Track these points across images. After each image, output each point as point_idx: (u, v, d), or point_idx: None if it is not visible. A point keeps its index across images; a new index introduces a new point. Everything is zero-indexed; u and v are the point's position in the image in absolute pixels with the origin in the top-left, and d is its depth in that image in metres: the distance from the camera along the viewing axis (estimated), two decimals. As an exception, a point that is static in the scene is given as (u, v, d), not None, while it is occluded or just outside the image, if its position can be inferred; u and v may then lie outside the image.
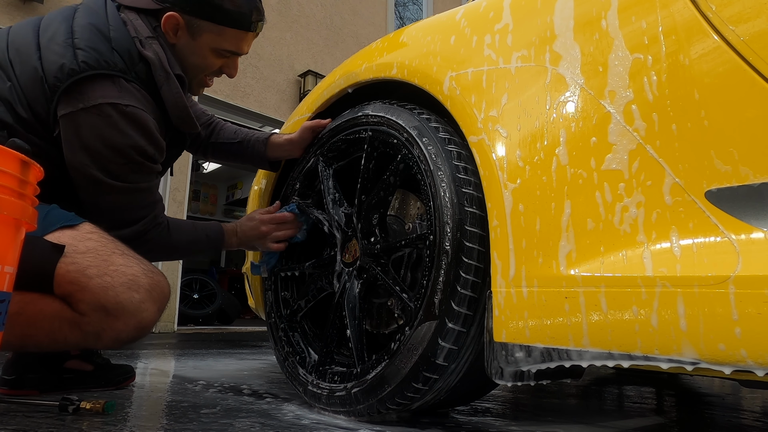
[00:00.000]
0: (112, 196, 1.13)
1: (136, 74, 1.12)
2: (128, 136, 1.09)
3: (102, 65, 1.06)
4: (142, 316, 1.03)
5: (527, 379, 0.82)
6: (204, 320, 5.39)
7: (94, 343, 1.03)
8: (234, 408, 1.15)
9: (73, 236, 1.02)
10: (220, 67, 1.27)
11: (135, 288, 1.02)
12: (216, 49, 1.22)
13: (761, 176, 0.63)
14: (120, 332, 1.02)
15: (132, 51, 1.12)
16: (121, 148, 1.09)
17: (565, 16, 0.85)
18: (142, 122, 1.11)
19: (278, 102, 5.65)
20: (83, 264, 0.99)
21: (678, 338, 0.63)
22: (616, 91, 0.76)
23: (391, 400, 0.97)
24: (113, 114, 1.07)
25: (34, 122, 1.08)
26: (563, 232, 0.77)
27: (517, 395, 1.53)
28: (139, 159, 1.12)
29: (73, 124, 1.06)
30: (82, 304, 0.98)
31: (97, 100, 1.05)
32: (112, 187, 1.12)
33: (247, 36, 1.23)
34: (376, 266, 1.10)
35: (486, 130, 0.90)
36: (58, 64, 1.04)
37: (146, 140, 1.12)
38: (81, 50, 1.06)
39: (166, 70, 1.15)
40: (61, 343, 1.02)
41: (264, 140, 1.45)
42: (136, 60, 1.12)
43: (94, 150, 1.07)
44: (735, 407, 1.52)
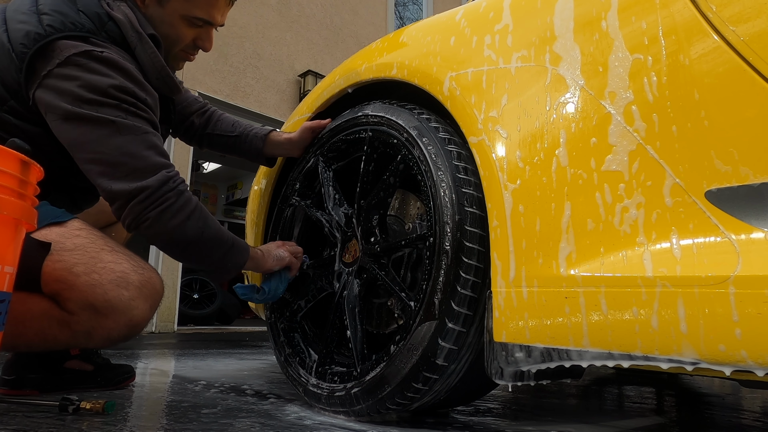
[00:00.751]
0: (119, 139, 0.99)
1: (107, 34, 1.06)
2: (111, 76, 1.00)
3: (68, 27, 1.02)
4: (133, 314, 1.00)
5: (527, 379, 0.82)
6: (204, 320, 5.39)
7: (85, 342, 1.01)
8: (234, 408, 1.15)
9: (61, 233, 0.99)
10: (193, 39, 1.19)
11: (124, 285, 0.99)
12: (186, 17, 1.15)
13: (761, 176, 0.63)
14: (111, 331, 0.99)
15: (100, 12, 1.07)
16: (107, 89, 0.99)
17: (565, 17, 0.85)
18: (123, 66, 1.03)
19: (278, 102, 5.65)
20: (70, 261, 0.96)
21: (678, 338, 0.63)
22: (616, 92, 0.76)
23: (391, 400, 0.97)
24: (89, 61, 1.00)
25: (8, 97, 1.03)
26: (563, 233, 0.77)
27: (517, 395, 1.53)
28: (130, 99, 1.02)
29: (52, 85, 1.00)
30: (70, 302, 0.96)
31: (69, 51, 0.99)
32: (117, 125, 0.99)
33: (218, 2, 1.16)
34: (376, 266, 1.10)
35: (486, 130, 0.90)
36: (24, 31, 1.00)
37: (133, 83, 1.03)
38: (46, 14, 1.02)
39: (137, 30, 1.09)
40: (52, 343, 0.99)
41: (263, 136, 1.43)
42: (104, 20, 1.06)
43: (82, 97, 0.99)
44: (735, 407, 1.52)
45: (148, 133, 1.03)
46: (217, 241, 1.09)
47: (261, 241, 1.52)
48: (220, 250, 1.10)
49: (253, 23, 5.42)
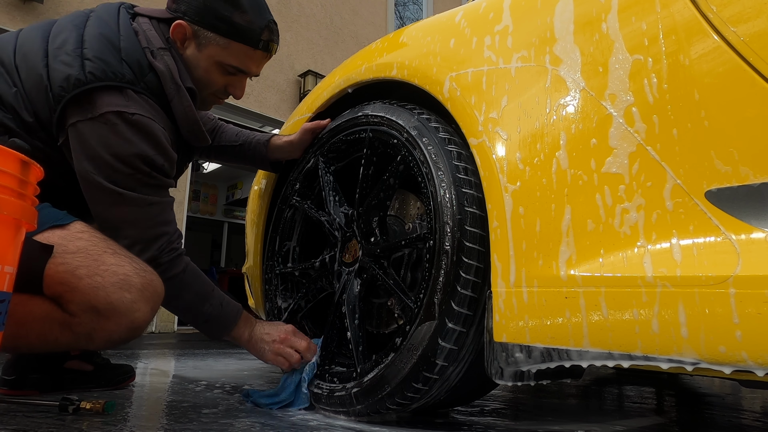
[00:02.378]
0: (121, 209, 1.07)
1: (145, 85, 1.09)
2: (134, 144, 1.05)
3: (109, 76, 1.04)
4: (135, 316, 1.00)
5: (527, 379, 0.82)
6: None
7: (86, 344, 1.02)
8: (234, 408, 1.15)
9: (63, 236, 1.00)
10: (225, 85, 1.21)
11: (126, 288, 0.99)
12: (221, 63, 1.17)
13: (761, 176, 0.63)
14: (112, 333, 1.00)
15: (142, 62, 1.09)
16: (126, 157, 1.05)
17: (566, 18, 0.85)
18: (150, 131, 1.07)
19: (278, 102, 5.65)
20: (73, 264, 0.97)
21: (678, 338, 0.63)
22: (616, 92, 0.76)
23: (391, 400, 0.97)
24: (118, 122, 1.04)
25: (38, 128, 1.06)
26: (563, 233, 0.77)
27: (517, 395, 1.53)
28: (146, 169, 1.07)
29: (79, 134, 1.04)
30: (72, 305, 0.97)
31: (102, 109, 1.03)
32: (122, 197, 1.06)
33: (254, 54, 1.18)
34: (376, 266, 1.10)
35: (486, 131, 0.90)
36: (65, 74, 1.03)
37: (154, 149, 1.08)
38: (89, 60, 1.04)
39: (176, 83, 1.12)
40: (53, 345, 1.00)
41: (265, 142, 1.45)
42: (145, 71, 1.09)
43: (101, 159, 1.04)
44: (735, 407, 1.52)
45: (152, 204, 1.10)
46: (188, 311, 1.16)
47: (261, 242, 1.52)
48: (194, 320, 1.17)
49: (253, 23, 5.41)
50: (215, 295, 1.16)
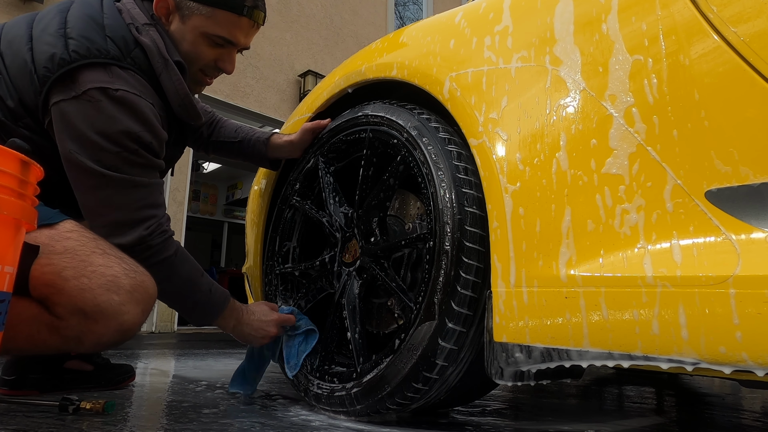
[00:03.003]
0: (107, 191, 1.03)
1: (132, 60, 1.06)
2: (119, 120, 1.01)
3: (93, 53, 1.01)
4: (123, 319, 0.97)
5: (527, 379, 0.82)
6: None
7: (75, 347, 1.00)
8: (234, 408, 1.15)
9: (51, 236, 0.97)
10: (214, 60, 1.17)
11: (114, 289, 0.96)
12: (206, 35, 1.13)
13: (761, 176, 0.63)
14: (101, 336, 0.97)
15: (127, 37, 1.06)
16: (112, 134, 1.01)
17: (566, 18, 0.85)
18: (136, 107, 1.03)
19: (278, 102, 5.65)
20: (59, 265, 0.94)
21: (678, 338, 0.63)
22: (616, 93, 0.76)
23: (391, 400, 0.97)
24: (102, 99, 1.00)
25: (24, 114, 1.04)
26: (563, 234, 0.77)
27: (517, 395, 1.53)
28: (133, 146, 1.03)
29: (62, 113, 1.01)
30: (59, 307, 0.94)
31: (85, 86, 1.00)
32: (107, 179, 1.02)
33: (240, 21, 1.13)
34: (376, 266, 1.10)
35: (486, 132, 0.90)
36: (49, 54, 1.01)
37: (141, 126, 1.04)
38: (72, 39, 1.02)
39: (164, 57, 1.10)
40: (42, 348, 0.98)
41: (264, 140, 1.44)
42: (131, 46, 1.06)
43: (85, 138, 1.00)
44: (735, 407, 1.52)
45: (137, 186, 1.06)
46: (177, 296, 1.14)
47: (261, 242, 1.52)
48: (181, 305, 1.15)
49: (253, 23, 5.41)
50: (204, 280, 1.14)
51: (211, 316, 1.15)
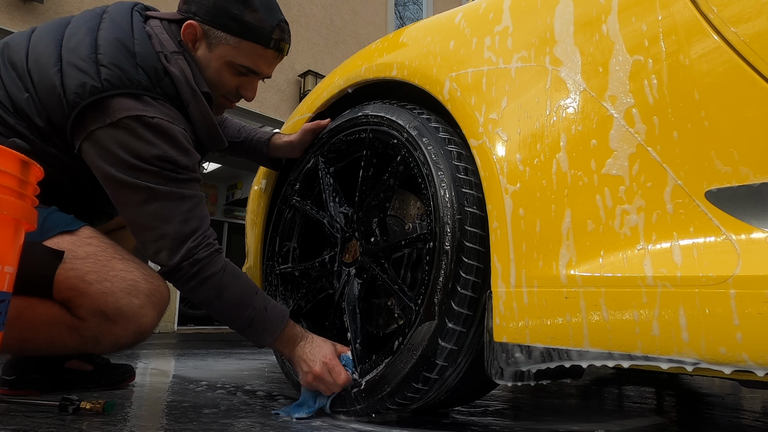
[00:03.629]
0: (153, 205, 1.03)
1: (162, 90, 1.07)
2: (156, 146, 1.03)
3: (125, 84, 1.02)
4: (142, 321, 1.02)
5: (527, 379, 0.82)
6: (204, 320, 5.39)
7: (92, 348, 1.03)
8: (234, 408, 1.15)
9: (73, 241, 1.01)
10: (236, 87, 1.19)
11: (134, 293, 1.01)
12: (231, 63, 1.14)
13: (761, 176, 0.63)
14: (119, 337, 1.02)
15: (157, 67, 1.07)
16: (150, 159, 1.02)
17: (566, 19, 0.85)
18: (171, 133, 1.05)
19: (278, 102, 5.65)
20: (83, 270, 0.99)
21: (678, 338, 0.63)
22: (617, 93, 0.76)
23: (391, 400, 0.97)
24: (138, 126, 1.02)
25: (53, 134, 1.05)
26: (563, 234, 0.77)
27: (517, 395, 1.53)
28: (170, 167, 1.05)
29: (98, 141, 1.02)
30: (81, 309, 0.99)
31: (121, 114, 1.01)
32: (155, 192, 1.03)
33: (266, 53, 1.15)
34: (376, 266, 1.10)
35: (487, 132, 0.90)
36: (80, 81, 1.00)
37: (177, 150, 1.05)
38: (104, 67, 1.02)
39: (192, 87, 1.11)
40: (60, 348, 1.02)
41: (265, 141, 1.45)
42: (161, 76, 1.08)
43: (125, 162, 1.02)
44: (735, 407, 1.52)
45: (184, 198, 1.06)
46: (228, 315, 1.09)
47: (261, 242, 1.52)
48: (233, 325, 1.10)
49: (253, 23, 5.41)
50: (259, 297, 1.10)
51: (268, 337, 1.09)
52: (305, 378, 1.07)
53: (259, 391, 1.41)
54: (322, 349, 1.08)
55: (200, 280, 1.04)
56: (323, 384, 1.05)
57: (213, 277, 1.05)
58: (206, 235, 1.07)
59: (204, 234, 1.06)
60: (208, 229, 1.08)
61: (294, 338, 1.11)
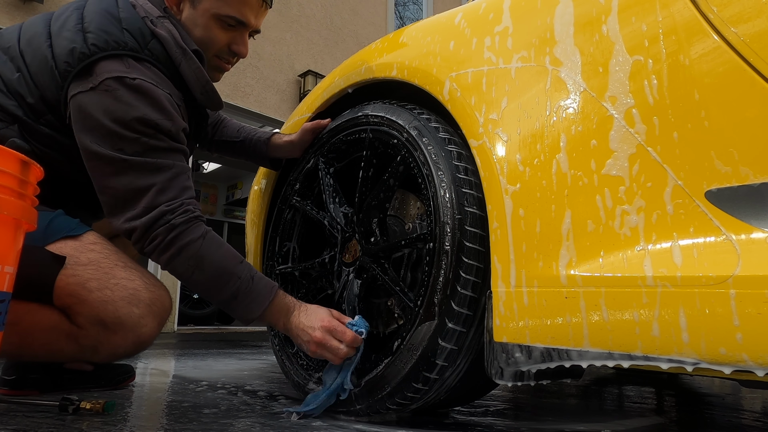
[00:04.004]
0: (128, 177, 0.98)
1: (150, 52, 1.07)
2: (136, 107, 1.00)
3: (111, 45, 1.02)
4: (141, 332, 1.01)
5: (527, 379, 0.82)
6: (204, 320, 5.39)
7: (90, 357, 1.02)
8: (234, 408, 1.15)
9: (75, 247, 1.01)
10: (228, 43, 1.17)
11: (135, 303, 1.00)
12: (218, 16, 1.13)
13: (761, 176, 0.63)
14: (117, 347, 1.00)
15: (143, 30, 1.07)
16: (129, 122, 0.99)
17: (566, 19, 0.85)
18: (153, 95, 1.02)
19: (278, 102, 5.65)
20: (84, 277, 0.98)
21: (678, 338, 0.63)
22: (617, 93, 0.76)
23: (391, 400, 0.97)
24: (119, 87, 1.00)
25: (45, 110, 1.05)
26: (563, 234, 0.77)
27: (517, 395, 1.53)
28: (151, 131, 1.00)
29: (80, 105, 1.01)
30: (81, 317, 0.98)
31: (102, 76, 1.00)
32: (128, 164, 0.98)
33: (249, 1, 1.14)
34: (376, 266, 1.10)
35: (487, 133, 0.90)
36: (69, 48, 1.01)
37: (159, 113, 1.02)
38: (90, 33, 1.03)
39: (181, 47, 1.10)
40: (57, 355, 1.01)
41: (265, 140, 1.45)
42: (148, 38, 1.07)
43: (103, 128, 0.99)
44: (735, 407, 1.52)
45: (161, 168, 1.01)
46: (213, 286, 1.01)
47: (261, 242, 1.52)
48: (217, 297, 1.03)
49: (253, 23, 5.41)
50: (244, 266, 1.03)
51: (255, 308, 1.01)
52: (309, 348, 1.00)
53: (260, 391, 1.41)
54: (318, 313, 1.02)
55: (178, 248, 0.98)
56: (328, 350, 0.97)
57: (191, 245, 0.99)
58: (185, 203, 1.01)
59: (182, 201, 1.01)
60: (188, 198, 1.03)
61: (286, 308, 1.03)
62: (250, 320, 1.04)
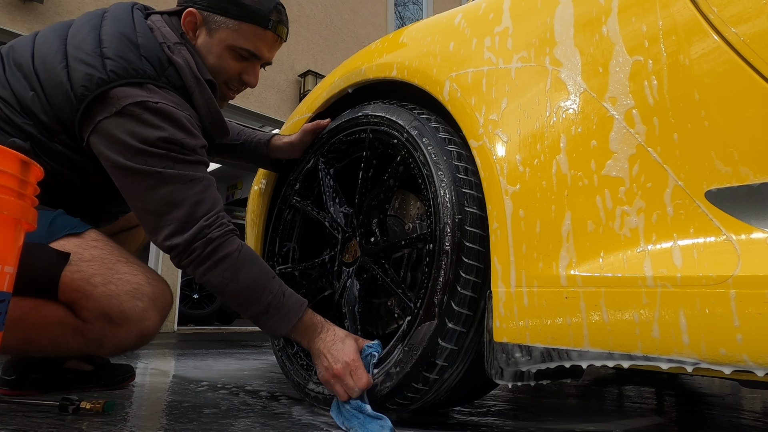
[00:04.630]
0: (163, 189, 1.01)
1: (167, 79, 1.09)
2: (161, 128, 1.02)
3: (131, 73, 1.04)
4: (145, 325, 1.03)
5: (527, 379, 0.82)
6: (204, 320, 5.39)
7: (95, 350, 1.04)
8: (234, 408, 1.15)
9: (79, 244, 1.03)
10: (239, 73, 1.20)
11: (139, 297, 1.02)
12: (232, 47, 1.16)
13: (761, 176, 0.63)
14: (122, 340, 1.02)
15: (161, 57, 1.09)
16: (155, 142, 1.01)
17: (566, 20, 0.85)
18: (175, 117, 1.04)
19: (278, 102, 5.65)
20: (88, 272, 1.00)
21: (678, 338, 0.63)
22: (617, 94, 0.76)
23: (391, 401, 0.97)
24: (143, 112, 1.02)
25: (60, 130, 1.06)
26: (563, 235, 0.77)
27: (517, 395, 1.53)
28: (177, 148, 1.03)
29: (105, 131, 1.02)
30: (86, 311, 1.00)
31: (125, 102, 1.02)
32: (163, 177, 1.01)
33: (265, 35, 1.17)
34: (376, 266, 1.10)
35: (487, 133, 0.90)
36: (87, 74, 1.02)
37: (183, 133, 1.04)
38: (110, 60, 1.03)
39: (196, 76, 1.12)
40: (64, 349, 1.03)
41: (265, 142, 1.45)
42: (165, 66, 1.09)
43: (131, 149, 1.01)
44: (735, 407, 1.52)
45: (194, 180, 1.04)
46: (245, 298, 1.03)
47: (261, 242, 1.52)
48: (250, 311, 1.04)
49: (253, 23, 5.41)
50: (276, 282, 1.05)
51: (284, 325, 1.03)
52: (323, 374, 1.01)
53: (260, 391, 1.41)
54: (346, 346, 1.01)
55: (215, 260, 1.00)
56: (341, 385, 0.99)
57: (228, 258, 1.01)
58: (219, 216, 1.04)
59: (217, 214, 1.03)
60: (221, 211, 1.05)
61: (313, 327, 1.05)
62: (278, 336, 1.07)
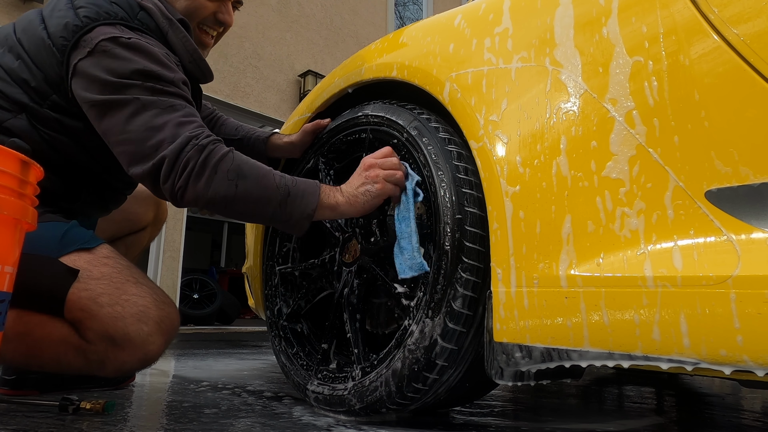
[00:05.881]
0: (143, 116, 0.98)
1: (139, 22, 1.10)
2: (135, 61, 1.01)
3: (103, 16, 1.06)
4: (149, 349, 1.01)
5: (527, 379, 0.82)
6: (204, 320, 5.39)
7: (97, 371, 1.02)
8: (234, 408, 1.15)
9: (89, 260, 1.01)
10: (213, 12, 1.21)
11: (144, 320, 1.00)
12: None
13: (761, 176, 0.63)
14: (124, 363, 1.01)
15: (131, 2, 1.11)
16: (130, 74, 1.00)
17: (566, 21, 0.85)
18: (148, 50, 1.03)
19: (278, 102, 5.65)
20: (96, 291, 0.98)
21: (678, 338, 0.63)
22: (617, 94, 0.76)
23: (391, 401, 0.97)
24: (115, 47, 1.02)
25: (50, 91, 1.06)
26: (564, 235, 0.77)
27: (517, 395, 1.53)
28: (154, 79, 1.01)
29: (81, 72, 1.02)
30: (90, 332, 0.98)
31: (97, 40, 1.02)
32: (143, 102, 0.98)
33: None
34: (376, 266, 1.10)
35: (487, 134, 0.90)
36: (62, 25, 1.04)
37: (159, 66, 1.03)
38: (81, 8, 1.06)
39: (167, 16, 1.14)
40: (65, 367, 1.01)
41: (264, 139, 1.45)
42: (136, 10, 1.11)
43: (107, 84, 1.00)
44: (735, 407, 1.52)
45: (174, 106, 1.00)
46: (261, 192, 0.98)
47: (261, 242, 1.52)
48: (271, 204, 0.98)
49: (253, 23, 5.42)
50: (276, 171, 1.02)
51: (312, 199, 0.99)
52: (377, 188, 1.01)
53: (260, 392, 1.41)
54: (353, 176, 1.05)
55: (214, 165, 0.96)
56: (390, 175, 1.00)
57: (225, 159, 0.97)
58: (204, 130, 1.00)
59: (202, 129, 1.00)
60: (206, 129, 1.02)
61: (330, 188, 1.03)
62: (310, 218, 1.00)
